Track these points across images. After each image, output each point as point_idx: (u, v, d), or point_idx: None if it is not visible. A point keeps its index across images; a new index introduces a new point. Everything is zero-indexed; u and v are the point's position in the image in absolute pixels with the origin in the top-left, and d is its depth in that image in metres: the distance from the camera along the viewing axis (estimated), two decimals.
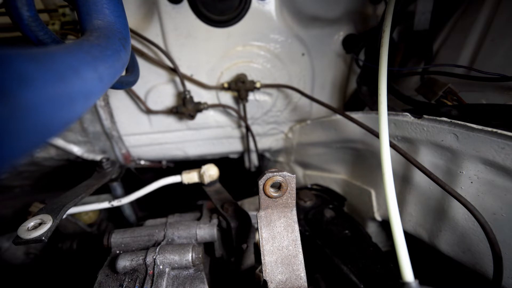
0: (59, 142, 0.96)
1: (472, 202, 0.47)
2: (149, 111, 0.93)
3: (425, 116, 0.56)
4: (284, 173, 0.42)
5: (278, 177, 0.42)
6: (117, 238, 0.54)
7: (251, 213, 0.62)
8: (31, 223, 0.44)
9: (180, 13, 0.79)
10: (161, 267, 0.47)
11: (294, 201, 0.44)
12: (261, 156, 1.15)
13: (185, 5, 0.78)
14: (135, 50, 0.82)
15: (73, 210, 0.69)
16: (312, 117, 1.01)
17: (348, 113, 0.70)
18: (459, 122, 0.50)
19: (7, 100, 0.16)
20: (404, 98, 0.68)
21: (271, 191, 0.43)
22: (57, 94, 0.20)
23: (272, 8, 0.81)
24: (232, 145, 1.07)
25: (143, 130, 0.98)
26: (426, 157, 0.59)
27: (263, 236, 0.43)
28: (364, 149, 0.76)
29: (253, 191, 0.82)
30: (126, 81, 0.58)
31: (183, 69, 0.86)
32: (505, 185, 0.48)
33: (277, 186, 0.43)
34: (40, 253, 0.83)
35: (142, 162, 1.10)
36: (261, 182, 0.42)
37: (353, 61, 0.92)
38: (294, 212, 0.45)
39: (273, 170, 0.42)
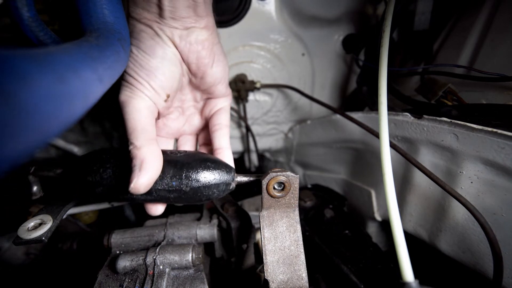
0: (59, 142, 0.96)
1: (472, 202, 0.47)
2: None
3: (425, 116, 0.56)
4: (288, 173, 0.42)
5: (281, 177, 0.42)
6: (117, 238, 0.54)
7: (251, 214, 0.62)
8: (31, 223, 0.44)
9: None
10: (161, 267, 0.47)
11: (297, 201, 0.44)
12: (261, 156, 1.15)
13: None
14: None
15: (73, 210, 0.69)
16: (312, 117, 1.01)
17: (348, 113, 0.70)
18: (459, 122, 0.50)
19: (7, 100, 0.16)
20: (404, 98, 0.68)
21: (274, 191, 0.43)
22: (56, 95, 0.20)
23: (272, 8, 0.81)
24: (232, 145, 1.06)
25: None
26: (426, 157, 0.59)
27: (265, 235, 0.43)
28: (364, 149, 0.76)
29: (253, 191, 0.82)
30: None
31: None
32: (505, 185, 0.48)
33: (280, 186, 0.43)
34: (40, 253, 0.83)
35: None
36: (264, 182, 0.42)
37: (353, 61, 0.92)
38: (297, 212, 0.45)
39: (277, 170, 0.42)
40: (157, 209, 0.45)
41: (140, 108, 0.40)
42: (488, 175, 0.50)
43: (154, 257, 0.47)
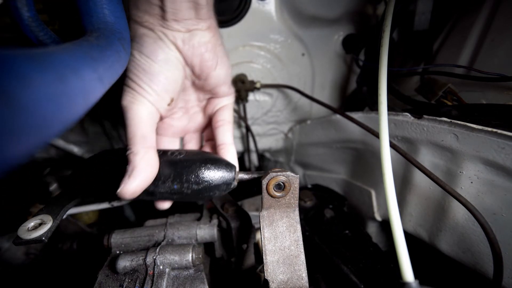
0: (59, 142, 0.96)
1: (472, 202, 0.47)
2: None
3: (425, 116, 0.56)
4: (288, 173, 0.42)
5: (281, 177, 0.42)
6: (117, 239, 0.54)
7: (251, 214, 0.62)
8: (31, 223, 0.44)
9: None
10: (161, 267, 0.47)
11: (297, 201, 0.44)
12: (261, 156, 1.15)
13: None
14: None
15: (73, 210, 0.69)
16: (312, 117, 1.01)
17: (348, 113, 0.70)
18: (459, 122, 0.50)
19: (7, 100, 0.16)
20: (404, 98, 0.68)
21: (274, 191, 0.43)
22: (56, 95, 0.20)
23: (272, 8, 0.81)
24: None
25: None
26: (426, 157, 0.59)
27: (265, 235, 0.43)
28: (364, 149, 0.76)
29: (253, 191, 0.82)
30: None
31: None
32: (505, 185, 0.48)
33: (281, 186, 0.43)
34: (40, 253, 0.83)
35: None
36: (264, 182, 0.42)
37: (353, 61, 0.92)
38: (297, 212, 0.45)
39: (277, 170, 0.42)
40: (164, 205, 0.48)
41: (141, 115, 0.40)
42: (488, 175, 0.50)
43: (154, 257, 0.47)
